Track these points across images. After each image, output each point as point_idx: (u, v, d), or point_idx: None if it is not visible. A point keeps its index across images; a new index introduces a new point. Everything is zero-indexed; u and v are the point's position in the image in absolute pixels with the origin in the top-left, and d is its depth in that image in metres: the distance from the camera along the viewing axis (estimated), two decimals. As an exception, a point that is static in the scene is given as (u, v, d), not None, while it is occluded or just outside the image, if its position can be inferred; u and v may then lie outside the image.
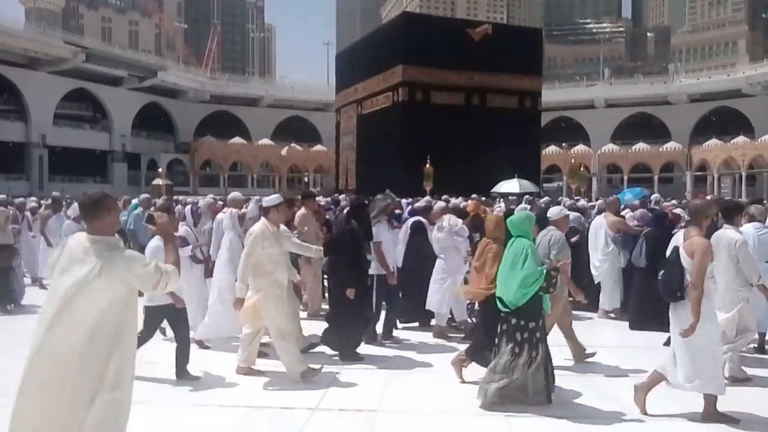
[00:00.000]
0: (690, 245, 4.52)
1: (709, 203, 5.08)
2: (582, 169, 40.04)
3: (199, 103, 67.98)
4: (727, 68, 76.65)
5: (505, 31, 38.87)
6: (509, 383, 4.80)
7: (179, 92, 65.98)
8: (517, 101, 32.21)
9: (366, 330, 6.54)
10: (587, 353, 6.14)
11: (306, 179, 60.77)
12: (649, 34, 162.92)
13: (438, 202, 9.08)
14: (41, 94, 50.89)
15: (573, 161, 43.96)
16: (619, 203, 9.85)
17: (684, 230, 4.76)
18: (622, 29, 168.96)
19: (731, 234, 5.39)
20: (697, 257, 4.42)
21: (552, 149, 57.30)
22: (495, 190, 23.27)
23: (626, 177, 58.13)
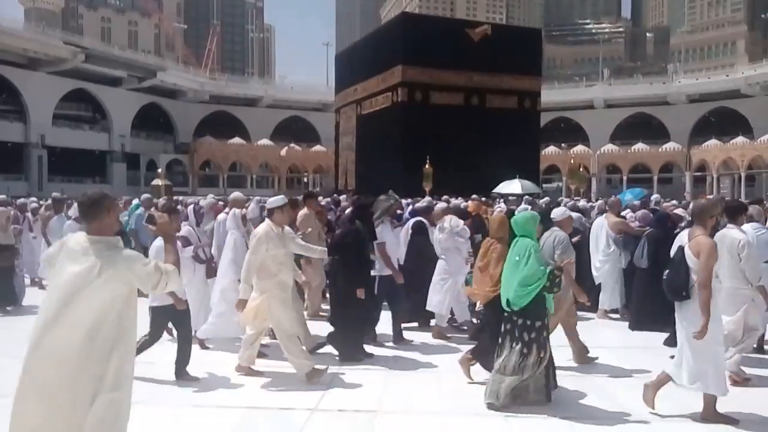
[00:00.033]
0: (696, 245, 4.51)
1: (714, 203, 5.06)
2: (581, 170, 40.12)
3: (199, 104, 67.98)
4: (726, 68, 76.72)
5: (505, 32, 38.83)
6: (519, 384, 4.81)
7: (178, 92, 65.98)
8: (517, 101, 32.21)
9: (370, 331, 6.51)
10: (589, 356, 6.15)
11: (305, 179, 60.78)
12: (649, 35, 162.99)
13: (439, 203, 9.08)
14: (40, 95, 50.86)
15: (572, 162, 44.03)
16: (621, 204, 9.85)
17: (689, 230, 4.75)
18: (622, 29, 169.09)
19: (734, 234, 5.38)
20: (704, 257, 4.42)
21: (551, 150, 57.34)
22: (497, 191, 23.19)
23: (625, 177, 58.18)
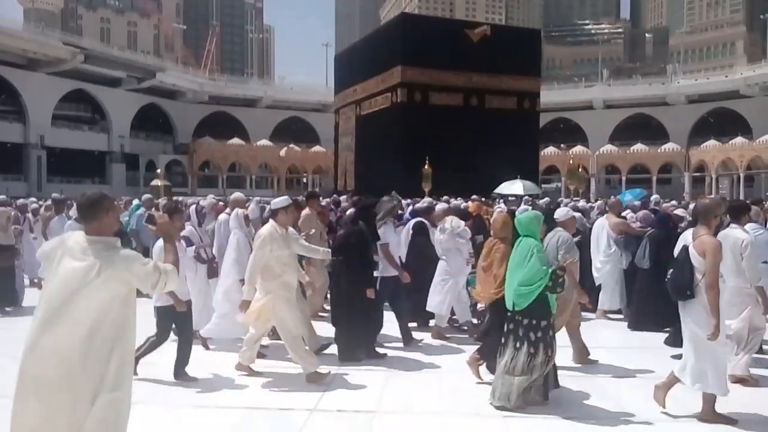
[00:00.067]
0: (701, 244, 4.50)
1: (718, 202, 5.05)
2: (580, 170, 40.14)
3: (198, 104, 67.98)
4: (725, 69, 76.84)
5: (504, 32, 38.89)
6: (529, 384, 4.81)
7: (178, 93, 65.97)
8: (516, 102, 32.25)
9: (377, 333, 6.44)
10: (590, 358, 6.15)
11: (304, 180, 60.79)
12: (648, 35, 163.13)
13: (440, 204, 9.09)
14: (40, 95, 50.86)
15: (571, 162, 44.08)
16: (621, 205, 9.85)
17: (692, 229, 4.74)
18: (621, 30, 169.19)
19: (737, 234, 5.35)
20: (710, 257, 4.41)
21: (550, 150, 57.39)
22: (498, 191, 23.14)
23: (624, 178, 58.25)
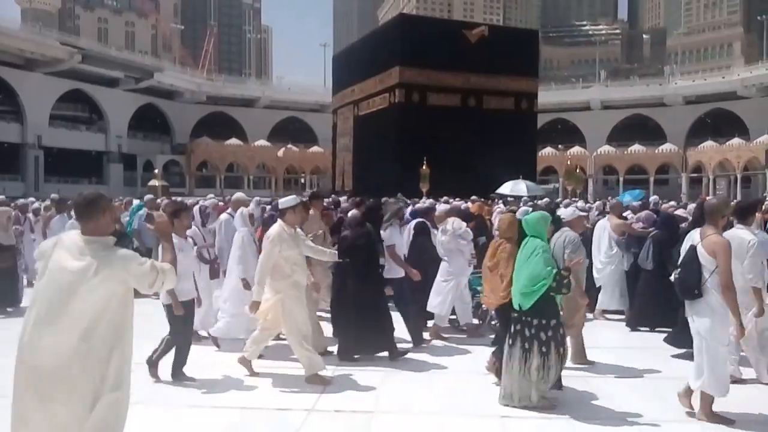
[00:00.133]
0: (710, 244, 4.48)
1: (726, 202, 5.05)
2: (578, 171, 40.21)
3: (196, 104, 67.96)
4: (723, 70, 77.01)
5: (502, 33, 38.90)
6: (546, 387, 4.83)
7: (175, 93, 65.94)
8: (514, 103, 32.27)
9: (386, 335, 6.35)
10: (588, 359, 6.15)
11: (302, 180, 60.79)
12: (645, 36, 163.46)
13: (441, 205, 9.09)
14: (37, 95, 50.82)
15: (569, 163, 44.14)
16: (622, 206, 9.86)
17: (700, 229, 4.72)
18: (618, 31, 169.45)
19: (743, 234, 5.29)
20: (722, 257, 4.40)
21: (548, 151, 57.49)
22: (501, 191, 23.06)
23: (622, 178, 58.39)
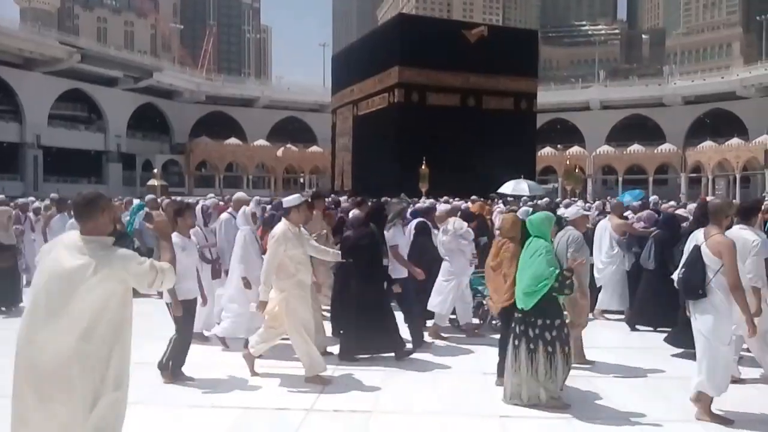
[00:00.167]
0: (715, 244, 4.48)
1: (730, 202, 5.07)
2: (577, 171, 40.26)
3: (195, 104, 67.92)
4: (722, 70, 76.99)
5: (501, 33, 38.97)
6: (556, 386, 4.83)
7: (175, 93, 65.89)
8: (513, 103, 32.32)
9: (391, 335, 6.32)
10: (588, 358, 6.15)
11: (301, 180, 60.75)
12: (644, 36, 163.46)
13: (442, 205, 9.09)
14: (36, 95, 50.77)
15: (568, 163, 44.17)
16: (623, 206, 9.88)
17: (704, 229, 4.73)
18: (617, 31, 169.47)
19: (746, 235, 5.27)
20: (728, 257, 4.41)
21: (547, 151, 57.50)
22: (502, 191, 23.05)
23: (621, 178, 58.42)
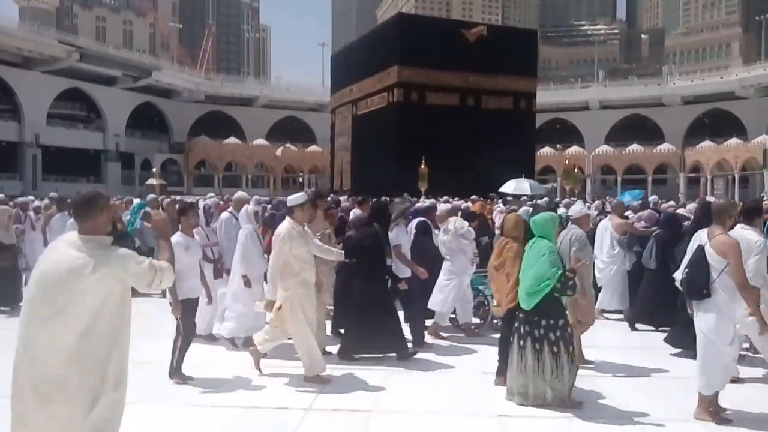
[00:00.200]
0: (720, 245, 4.48)
1: (733, 202, 5.07)
2: (576, 171, 40.27)
3: (194, 103, 67.82)
4: (721, 70, 77.02)
5: (500, 33, 38.93)
6: (563, 385, 4.83)
7: (174, 92, 65.79)
8: (512, 102, 32.30)
9: (393, 336, 6.29)
10: (587, 358, 6.16)
11: (301, 180, 60.69)
12: (643, 36, 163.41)
13: (443, 204, 9.10)
14: (35, 94, 50.68)
15: (567, 162, 44.18)
16: (624, 206, 9.90)
17: (707, 229, 4.72)
18: (617, 31, 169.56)
19: (749, 235, 5.21)
20: (734, 257, 4.40)
21: (546, 150, 57.47)
22: (504, 190, 23.00)
23: (620, 178, 58.42)
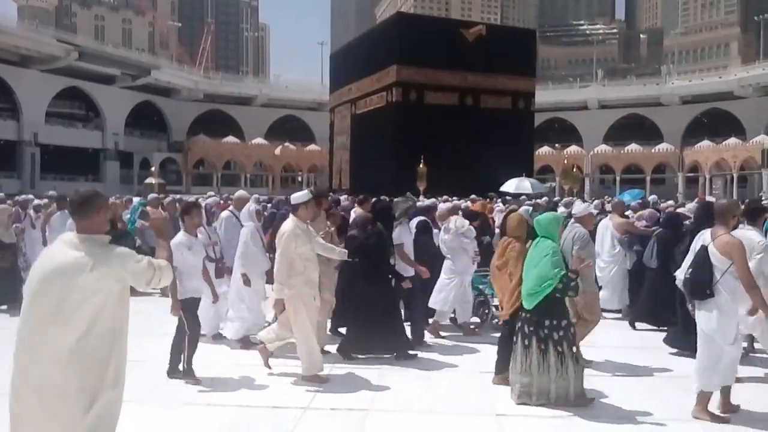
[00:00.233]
0: (724, 245, 4.48)
1: (737, 203, 5.07)
2: (574, 170, 40.23)
3: (193, 102, 67.71)
4: (719, 70, 76.93)
5: (499, 32, 38.93)
6: (567, 384, 4.83)
7: (172, 91, 65.66)
8: (511, 102, 32.31)
9: (395, 336, 6.28)
10: (585, 359, 6.15)
11: (299, 179, 60.65)
12: (642, 36, 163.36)
13: (443, 204, 9.10)
14: (33, 92, 50.59)
15: (566, 162, 44.17)
16: (624, 205, 9.91)
17: (711, 229, 4.73)
18: (615, 31, 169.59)
19: (751, 235, 5.26)
20: (738, 257, 4.41)
21: (545, 150, 57.45)
22: (505, 189, 22.92)
23: (618, 178, 58.43)
